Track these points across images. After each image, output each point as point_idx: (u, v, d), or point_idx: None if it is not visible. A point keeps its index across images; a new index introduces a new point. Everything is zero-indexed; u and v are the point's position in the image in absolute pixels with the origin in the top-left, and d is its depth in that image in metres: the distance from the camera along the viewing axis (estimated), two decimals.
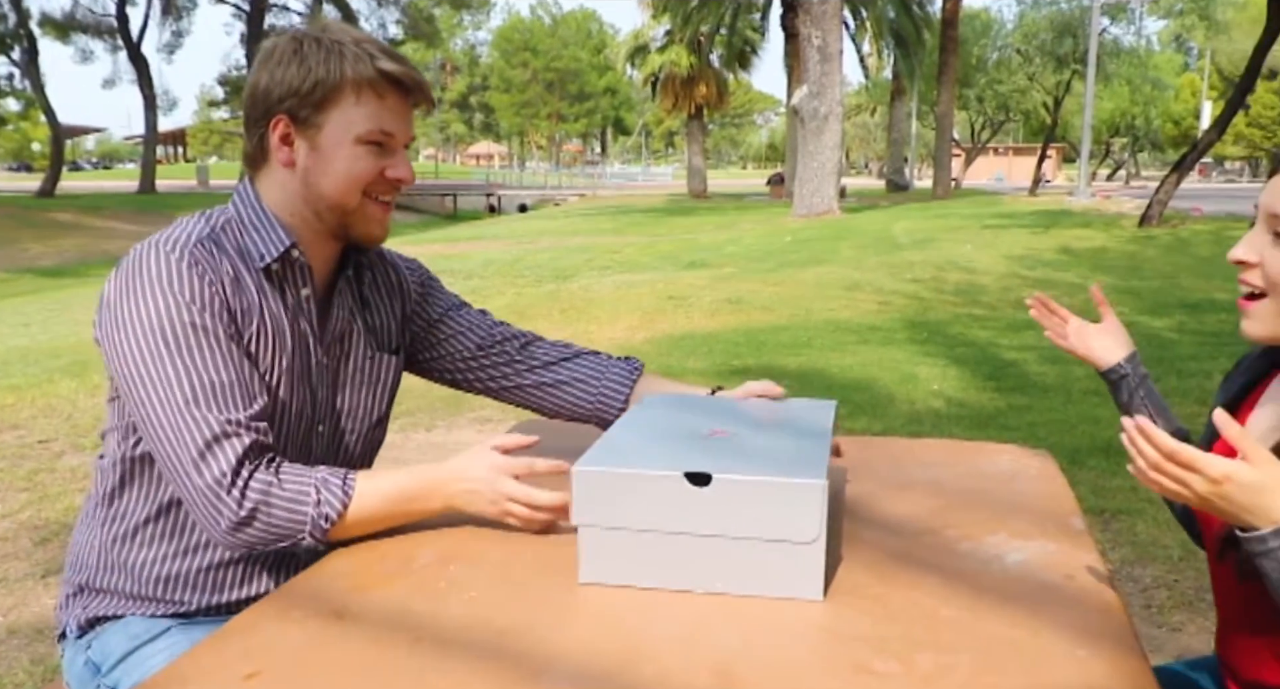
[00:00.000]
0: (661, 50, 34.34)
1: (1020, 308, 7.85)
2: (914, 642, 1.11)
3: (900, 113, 34.76)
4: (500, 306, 8.42)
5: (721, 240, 14.36)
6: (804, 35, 17.13)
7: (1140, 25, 46.84)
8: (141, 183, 36.98)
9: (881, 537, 1.40)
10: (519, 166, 76.80)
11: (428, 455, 4.42)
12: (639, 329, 7.19)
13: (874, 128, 61.28)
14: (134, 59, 37.10)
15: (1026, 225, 14.46)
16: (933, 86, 31.11)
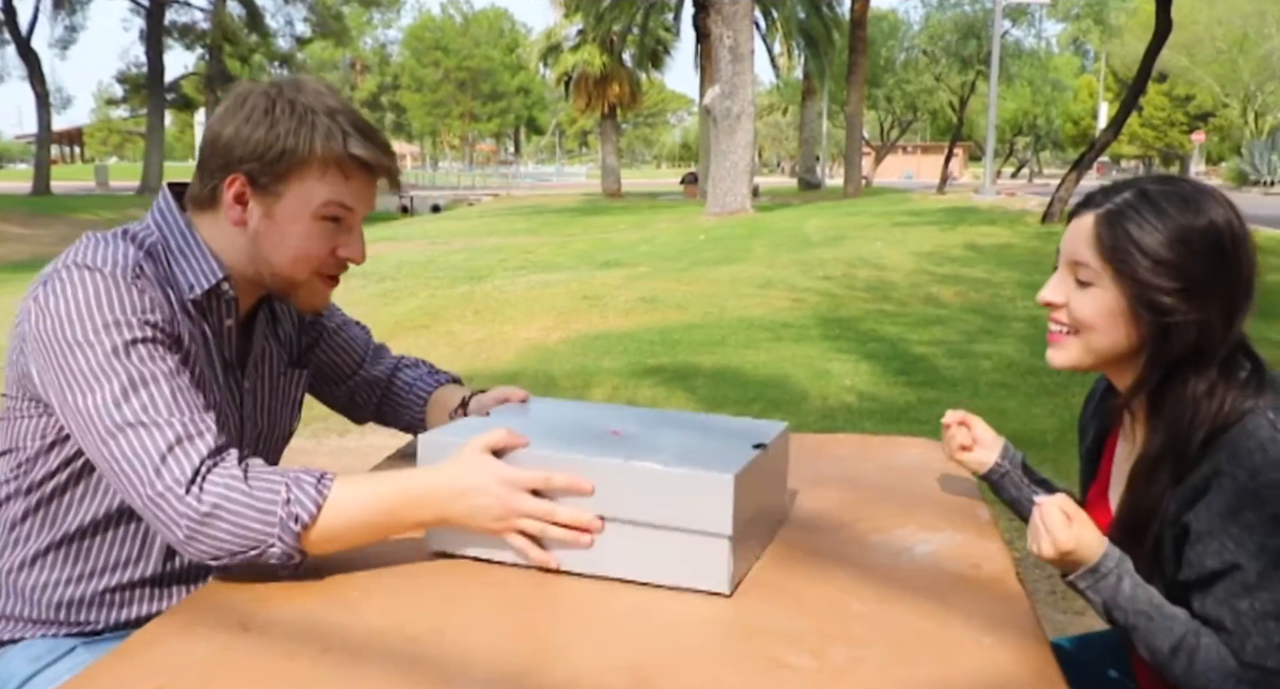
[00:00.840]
0: (574, 50, 34.27)
1: (930, 303, 8.02)
2: (826, 635, 1.12)
3: (811, 112, 35.22)
4: (413, 308, 8.31)
5: (636, 239, 14.38)
6: (716, 35, 17.24)
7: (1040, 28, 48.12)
8: (35, 184, 35.61)
9: (795, 532, 1.42)
10: (432, 167, 75.94)
11: (341, 461, 4.35)
12: (554, 329, 7.17)
13: (786, 127, 62.02)
14: (24, 54, 35.72)
15: (935, 222, 14.76)
16: (843, 86, 31.61)
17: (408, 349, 6.84)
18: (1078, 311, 1.21)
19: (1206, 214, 1.15)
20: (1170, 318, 1.15)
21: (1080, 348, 1.23)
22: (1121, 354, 1.21)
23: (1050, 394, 5.06)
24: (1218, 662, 1.13)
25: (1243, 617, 1.12)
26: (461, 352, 6.51)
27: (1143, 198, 1.17)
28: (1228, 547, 1.12)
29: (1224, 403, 1.13)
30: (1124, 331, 1.18)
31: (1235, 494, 1.11)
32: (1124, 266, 1.16)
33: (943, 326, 6.97)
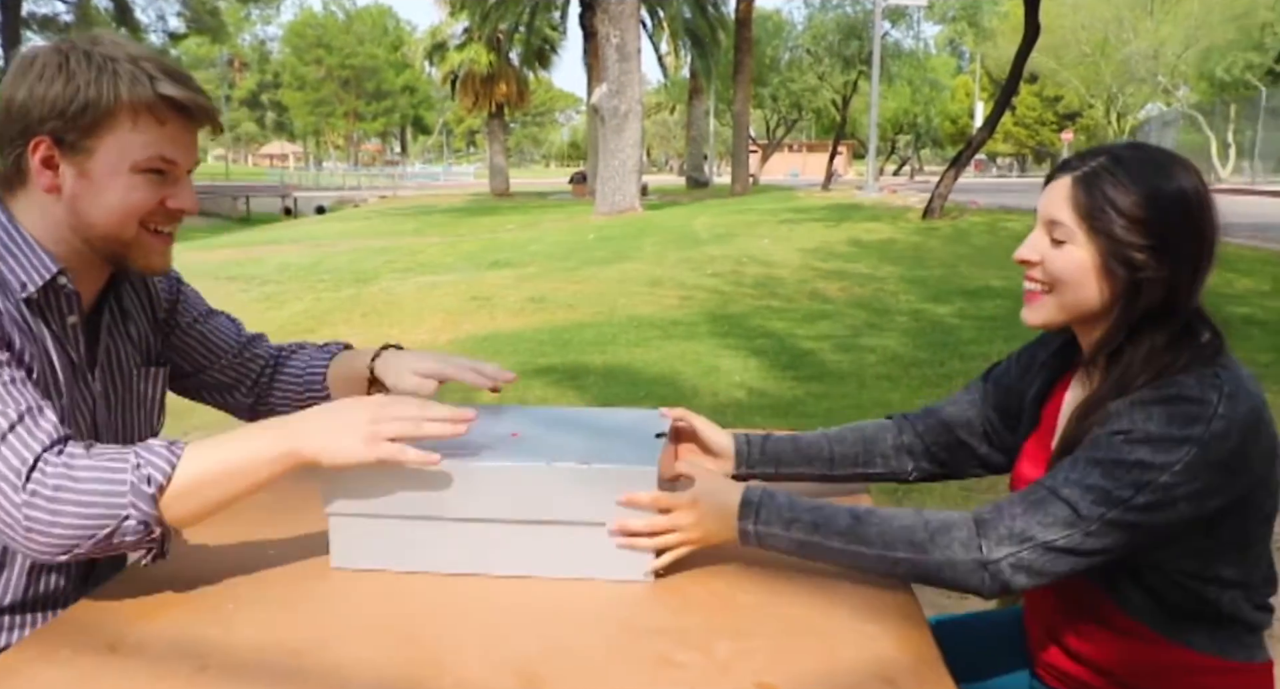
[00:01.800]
0: (460, 48, 33.89)
1: (816, 299, 8.16)
2: (713, 630, 1.13)
3: (699, 111, 35.53)
4: (298, 312, 8.12)
5: (525, 239, 14.31)
6: (602, 34, 17.25)
7: (918, 30, 49.60)
8: None
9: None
10: (315, 167, 74.29)
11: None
12: (443, 330, 7.08)
13: (674, 126, 62.44)
14: None
15: (820, 219, 15.03)
16: (729, 85, 31.95)
17: None
18: (1052, 267, 1.25)
19: (1176, 179, 1.21)
20: (1142, 273, 1.20)
21: (1054, 305, 1.27)
22: (1093, 310, 1.25)
23: (934, 386, 5.20)
24: (955, 518, 1.18)
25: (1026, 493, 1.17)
26: None
27: (1117, 162, 1.22)
28: (1093, 443, 1.16)
29: (1181, 357, 1.18)
30: (1096, 288, 1.23)
31: (1134, 411, 1.15)
32: (1099, 225, 1.21)
33: (829, 321, 7.10)
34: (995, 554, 1.13)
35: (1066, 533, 1.12)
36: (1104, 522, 1.11)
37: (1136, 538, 1.13)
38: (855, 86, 34.18)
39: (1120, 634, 1.25)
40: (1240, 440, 1.12)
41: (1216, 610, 1.21)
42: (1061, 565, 1.14)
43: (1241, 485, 1.14)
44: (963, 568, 1.15)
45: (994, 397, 1.49)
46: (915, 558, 1.17)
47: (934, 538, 1.16)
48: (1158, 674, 1.25)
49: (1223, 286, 8.53)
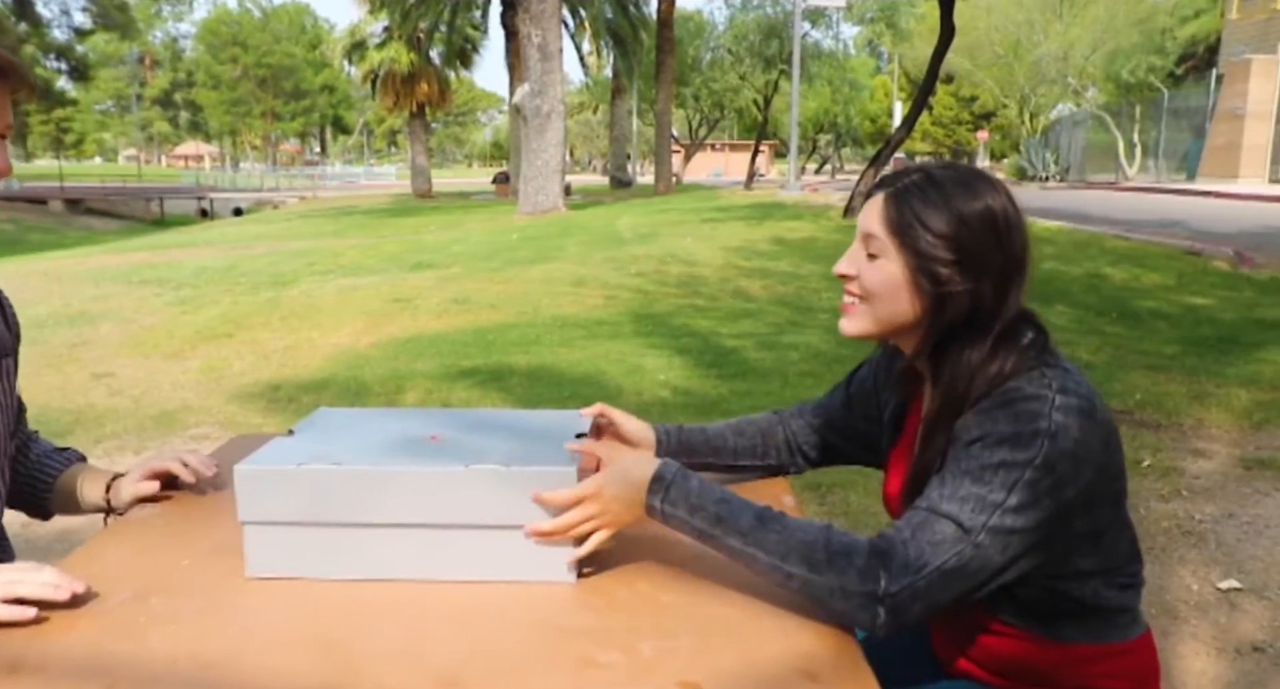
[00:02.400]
0: (380, 47, 33.45)
1: (739, 297, 8.22)
2: (636, 630, 1.13)
3: (621, 111, 35.58)
4: (215, 316, 7.94)
5: (448, 240, 14.18)
6: (524, 33, 17.17)
7: (837, 31, 50.17)
8: None
9: None
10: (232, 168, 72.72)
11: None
12: (364, 334, 6.99)
13: (597, 125, 62.37)
14: None
15: (743, 218, 15.14)
16: (651, 85, 32.02)
17: (209, 360, 6.52)
18: (866, 281, 1.29)
19: (983, 197, 1.24)
20: (946, 288, 1.23)
21: (868, 316, 1.30)
22: (905, 323, 1.28)
23: None
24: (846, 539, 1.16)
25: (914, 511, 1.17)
26: (267, 360, 6.26)
27: (928, 180, 1.26)
28: (954, 459, 1.19)
29: (1004, 366, 1.22)
30: (907, 301, 1.26)
31: (981, 419, 1.18)
32: (908, 240, 1.25)
33: (752, 320, 7.16)
34: (893, 587, 1.11)
35: (956, 550, 1.12)
36: (988, 530, 1.12)
37: (1015, 545, 1.14)
38: (776, 86, 34.48)
39: (1006, 638, 1.29)
40: (1080, 429, 1.16)
41: (1080, 604, 1.25)
42: (953, 589, 1.13)
43: (1089, 472, 1.17)
44: (856, 598, 1.12)
45: (857, 403, 1.54)
46: (808, 576, 1.14)
47: (831, 560, 1.13)
48: (1050, 670, 1.29)
49: (1131, 282, 8.80)
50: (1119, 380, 5.29)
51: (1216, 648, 2.66)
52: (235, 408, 5.15)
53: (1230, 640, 2.70)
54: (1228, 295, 8.04)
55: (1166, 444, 4.28)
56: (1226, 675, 2.53)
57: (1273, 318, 6.95)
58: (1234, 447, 4.27)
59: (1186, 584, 3.02)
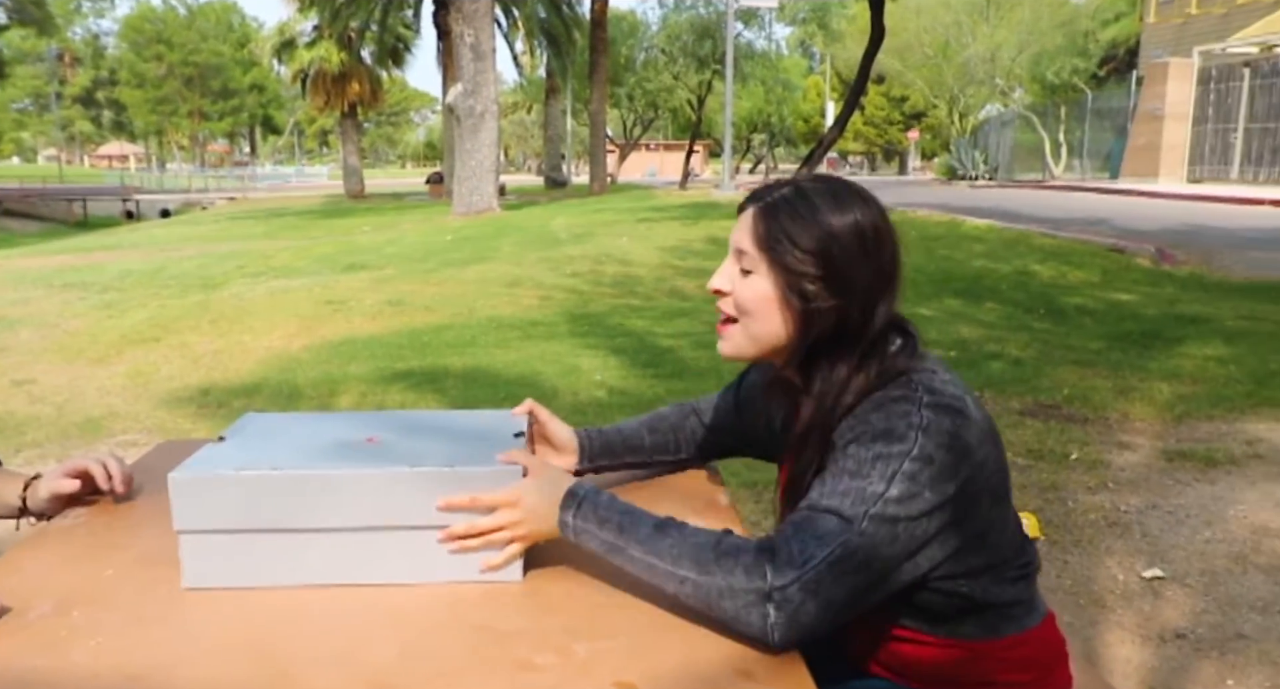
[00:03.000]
0: (310, 46, 33.00)
1: (675, 296, 8.25)
2: (572, 632, 1.13)
3: (555, 111, 35.49)
4: (141, 321, 7.77)
5: (381, 241, 14.03)
6: (456, 33, 17.04)
7: (770, 31, 50.67)
8: None
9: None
10: (159, 168, 71.22)
11: None
12: (297, 336, 6.88)
13: (531, 125, 62.13)
14: None
15: (678, 218, 15.19)
16: (586, 85, 31.99)
17: (136, 364, 6.38)
18: (739, 297, 1.28)
19: (852, 212, 1.24)
20: (813, 304, 1.23)
21: (743, 335, 1.30)
22: (779, 341, 1.28)
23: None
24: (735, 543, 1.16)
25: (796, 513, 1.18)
26: (197, 364, 6.14)
27: (798, 194, 1.26)
28: (833, 462, 1.19)
29: (870, 376, 1.22)
30: (778, 318, 1.26)
31: (853, 423, 1.20)
32: (776, 255, 1.24)
33: (688, 319, 7.18)
34: (779, 581, 1.09)
35: (840, 540, 1.11)
36: (869, 519, 1.12)
37: (900, 541, 1.14)
38: (710, 86, 34.66)
39: (910, 643, 1.30)
40: (952, 423, 1.16)
41: (973, 602, 1.26)
42: (846, 583, 1.11)
43: (967, 468, 1.17)
44: (743, 597, 1.09)
45: (747, 407, 1.56)
46: (698, 578, 1.12)
47: (720, 560, 1.12)
48: (955, 670, 1.30)
49: (1058, 279, 8.99)
50: (1047, 376, 5.40)
51: (1142, 636, 2.73)
52: (164, 413, 5.04)
53: (1154, 628, 2.77)
54: (1150, 292, 8.26)
55: (1093, 437, 4.38)
56: (1151, 662, 2.60)
57: (1192, 313, 7.15)
58: (1157, 439, 4.38)
59: (1113, 574, 3.10)
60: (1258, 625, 2.78)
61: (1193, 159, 25.42)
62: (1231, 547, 3.27)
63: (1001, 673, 1.29)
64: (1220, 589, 2.98)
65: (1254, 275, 9.05)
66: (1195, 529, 3.42)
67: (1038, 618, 1.32)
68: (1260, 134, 23.29)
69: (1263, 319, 6.91)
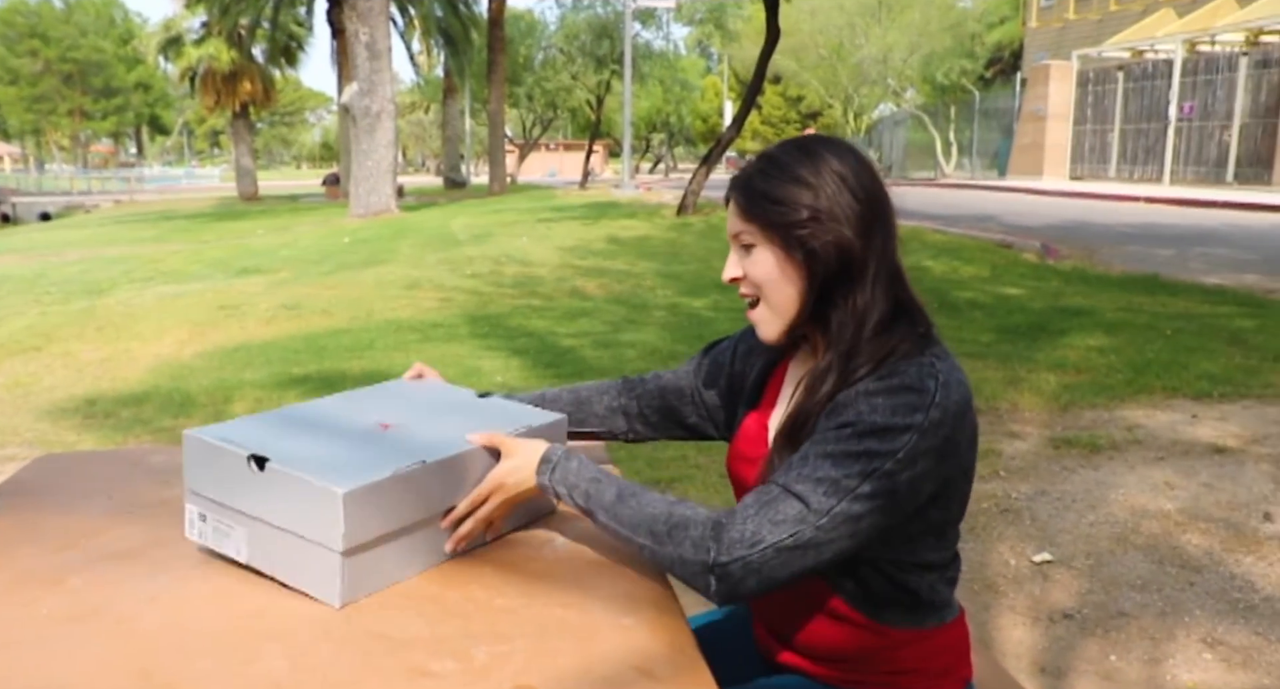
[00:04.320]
0: (198, 43, 32.03)
1: (575, 296, 8.24)
2: (470, 636, 1.12)
3: (454, 110, 35.12)
4: (21, 329, 7.45)
5: (276, 244, 13.72)
6: (351, 31, 16.75)
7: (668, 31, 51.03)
8: None
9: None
10: (37, 169, 68.36)
11: None
12: (188, 343, 6.68)
13: (429, 125, 61.39)
14: None
15: (578, 217, 15.18)
16: (484, 84, 31.73)
17: (16, 375, 6.13)
18: (753, 274, 1.30)
19: (823, 157, 1.27)
20: (810, 244, 1.25)
21: (768, 312, 1.31)
22: (801, 303, 1.29)
23: None
24: (699, 516, 1.20)
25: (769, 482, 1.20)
26: (81, 374, 5.91)
27: (768, 160, 1.30)
28: (821, 437, 1.20)
29: (900, 343, 1.24)
30: (791, 278, 1.28)
31: (859, 402, 1.20)
32: (764, 219, 1.27)
33: (588, 319, 7.18)
34: (724, 558, 1.14)
35: (796, 530, 1.13)
36: (832, 514, 1.14)
37: (860, 532, 1.16)
38: (608, 86, 34.70)
39: (835, 621, 1.32)
40: (952, 428, 1.19)
41: (915, 595, 1.29)
42: (792, 566, 1.15)
43: (949, 470, 1.21)
44: (691, 568, 1.17)
45: (707, 371, 1.57)
46: (654, 547, 1.21)
47: (671, 532, 1.19)
48: (869, 655, 1.32)
49: (950, 274, 9.23)
50: None
51: (1032, 618, 2.82)
52: (46, 425, 4.85)
53: (1044, 610, 2.86)
54: (1036, 285, 8.53)
55: (985, 428, 4.51)
56: (1041, 643, 2.69)
57: (1075, 306, 7.42)
58: (1044, 428, 4.53)
59: (1005, 559, 3.19)
60: (1137, 603, 2.90)
61: (1074, 158, 26.38)
62: (1114, 529, 3.41)
63: (913, 661, 1.32)
64: (1104, 570, 3.10)
65: (1131, 269, 9.43)
66: (1081, 513, 3.55)
67: (954, 612, 1.36)
68: (1134, 134, 24.27)
69: (1139, 310, 7.21)
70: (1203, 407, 4.81)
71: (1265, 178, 20.20)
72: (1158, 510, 3.56)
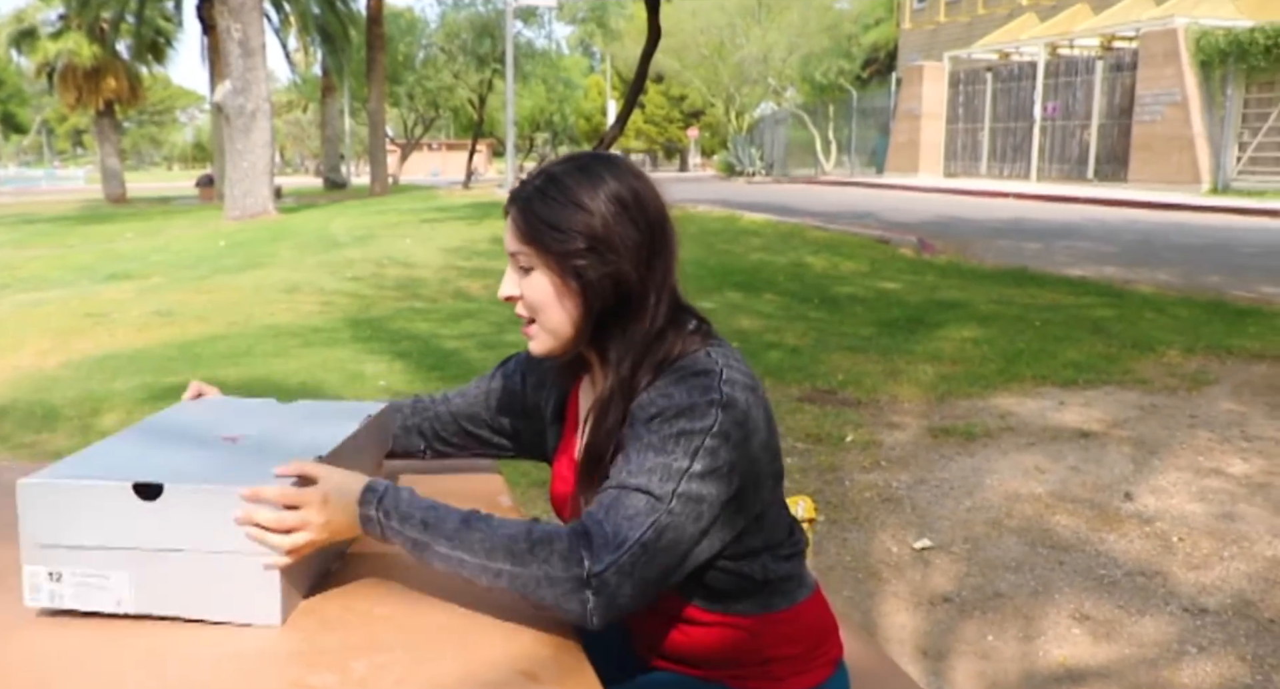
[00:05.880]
0: (56, 37, 30.64)
1: (459, 298, 8.16)
2: (351, 647, 1.10)
3: (333, 110, 34.38)
4: None
5: (147, 248, 13.23)
6: (223, 28, 16.25)
7: (550, 30, 50.87)
8: None
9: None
10: None
11: None
12: (51, 353, 6.39)
13: (308, 125, 59.97)
14: None
15: (462, 218, 15.04)
16: (363, 83, 31.15)
17: None
18: (529, 297, 1.29)
19: (604, 180, 1.26)
20: (588, 276, 1.25)
21: (543, 333, 1.31)
22: (576, 328, 1.29)
23: None
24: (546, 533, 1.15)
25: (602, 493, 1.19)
26: None
27: (548, 180, 1.27)
28: (634, 437, 1.20)
29: (674, 347, 1.25)
30: (566, 305, 1.27)
31: (654, 396, 1.21)
32: (542, 244, 1.26)
33: (473, 320, 7.11)
34: (596, 566, 1.10)
35: (651, 520, 1.13)
36: (678, 496, 1.14)
37: (705, 513, 1.17)
38: (491, 85, 34.43)
39: (697, 626, 1.32)
40: (746, 402, 1.21)
41: (752, 580, 1.31)
42: (659, 562, 1.14)
43: (756, 447, 1.22)
44: (561, 585, 1.10)
45: (499, 398, 1.55)
46: (514, 570, 1.12)
47: (534, 549, 1.12)
48: (733, 650, 1.33)
49: (830, 269, 9.43)
50: (823, 362, 5.65)
51: (914, 602, 2.90)
52: None
53: (925, 594, 2.95)
54: (913, 279, 8.78)
55: (866, 420, 4.62)
56: (923, 627, 2.77)
57: (950, 299, 7.66)
58: (923, 418, 4.66)
59: (887, 547, 3.28)
60: (1012, 583, 3.01)
61: (948, 155, 27.24)
62: (989, 514, 3.53)
63: (775, 648, 1.34)
64: (980, 554, 3.21)
65: (1002, 262, 9.78)
66: (958, 500, 3.66)
67: (805, 593, 1.37)
68: (1003, 133, 25.19)
69: (1010, 302, 7.48)
70: (1069, 393, 5.02)
71: (1121, 175, 21.19)
72: (1029, 494, 3.70)
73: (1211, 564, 3.12)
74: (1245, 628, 2.73)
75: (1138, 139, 20.73)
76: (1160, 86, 20.09)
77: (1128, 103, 21.15)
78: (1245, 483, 3.79)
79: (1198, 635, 2.69)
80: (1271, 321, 6.64)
